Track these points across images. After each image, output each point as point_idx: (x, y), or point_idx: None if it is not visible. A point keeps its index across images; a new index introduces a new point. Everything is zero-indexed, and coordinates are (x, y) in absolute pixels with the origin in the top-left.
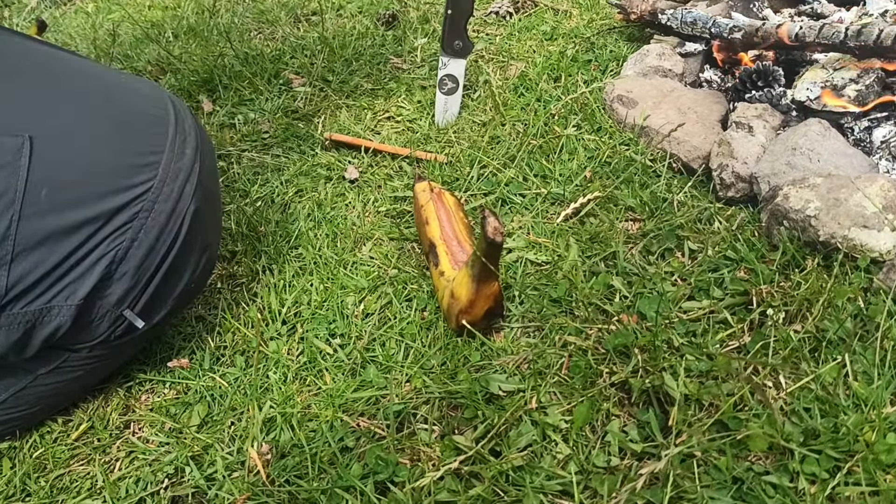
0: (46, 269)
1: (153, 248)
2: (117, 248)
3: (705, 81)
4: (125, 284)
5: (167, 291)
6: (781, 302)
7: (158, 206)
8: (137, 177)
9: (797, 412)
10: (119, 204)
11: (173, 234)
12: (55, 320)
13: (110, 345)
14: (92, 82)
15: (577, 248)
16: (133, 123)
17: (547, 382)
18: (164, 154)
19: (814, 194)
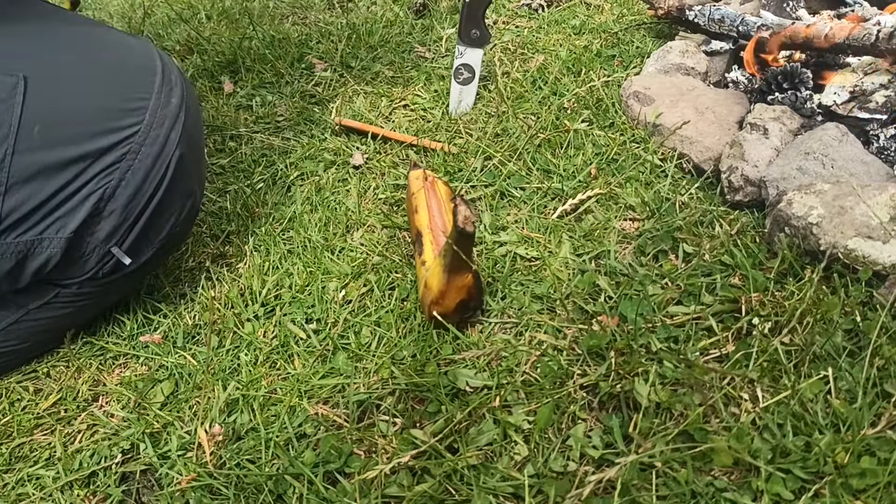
0: (38, 201)
1: (140, 188)
2: (105, 186)
3: (731, 82)
4: (113, 222)
5: (153, 232)
6: (773, 312)
7: (145, 149)
8: (125, 120)
9: (769, 428)
10: (107, 144)
11: (159, 176)
12: (46, 252)
13: (99, 282)
14: (86, 33)
15: (570, 245)
16: (122, 71)
17: (515, 381)
18: (151, 101)
19: (818, 201)
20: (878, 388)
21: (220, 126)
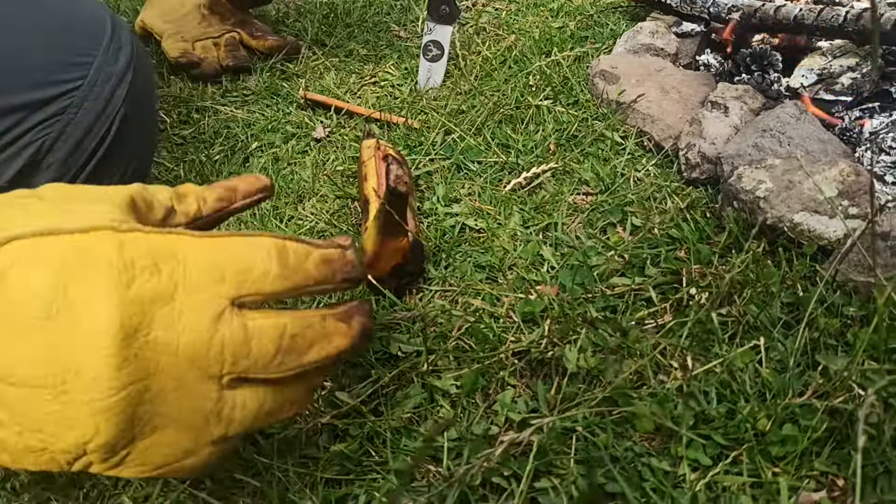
0: None
1: (80, 143)
2: (44, 138)
3: (703, 65)
4: (51, 175)
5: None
6: (714, 284)
7: (88, 104)
8: (68, 74)
9: (695, 395)
10: (48, 96)
11: (101, 134)
12: None
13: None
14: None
15: (519, 217)
16: (68, 26)
17: (447, 347)
18: (98, 57)
19: (768, 175)
20: (810, 359)
21: (186, 98)
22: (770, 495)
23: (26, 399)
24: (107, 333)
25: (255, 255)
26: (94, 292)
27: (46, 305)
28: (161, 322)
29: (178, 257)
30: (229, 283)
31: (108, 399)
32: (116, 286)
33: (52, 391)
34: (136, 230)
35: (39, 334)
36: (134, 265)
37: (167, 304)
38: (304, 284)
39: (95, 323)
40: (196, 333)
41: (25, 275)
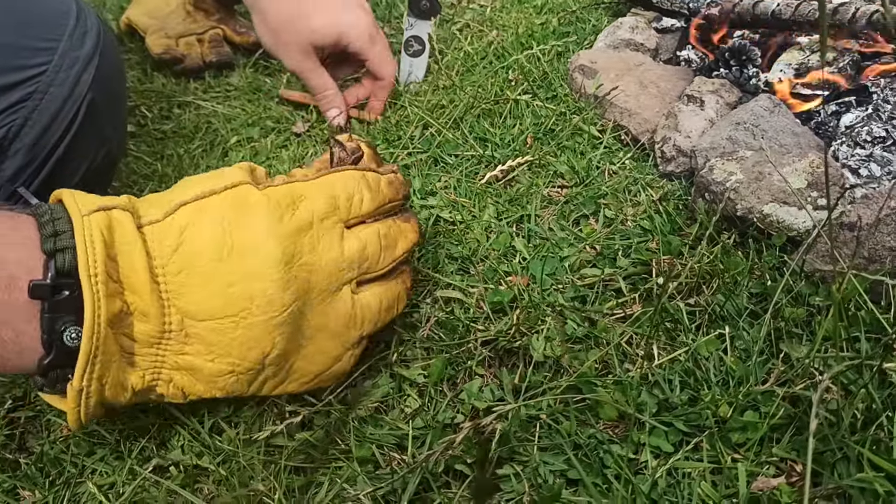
0: None
1: (47, 128)
2: (10, 124)
3: (683, 60)
4: (18, 161)
5: (63, 176)
6: (685, 275)
7: (54, 89)
8: (33, 59)
9: (658, 383)
10: (12, 82)
11: (68, 118)
12: None
13: None
14: None
15: (494, 210)
16: (32, 11)
17: (414, 337)
18: (63, 42)
19: (738, 167)
20: (774, 347)
21: (168, 93)
22: (729, 481)
23: (215, 330)
24: (272, 262)
25: (350, 185)
26: (254, 232)
27: (218, 249)
28: (307, 247)
29: (307, 196)
30: (343, 209)
31: (280, 315)
32: (271, 224)
33: (234, 319)
34: (269, 184)
35: (218, 274)
36: (280, 205)
37: (307, 232)
38: (383, 203)
39: (261, 256)
40: (332, 251)
41: (198, 229)
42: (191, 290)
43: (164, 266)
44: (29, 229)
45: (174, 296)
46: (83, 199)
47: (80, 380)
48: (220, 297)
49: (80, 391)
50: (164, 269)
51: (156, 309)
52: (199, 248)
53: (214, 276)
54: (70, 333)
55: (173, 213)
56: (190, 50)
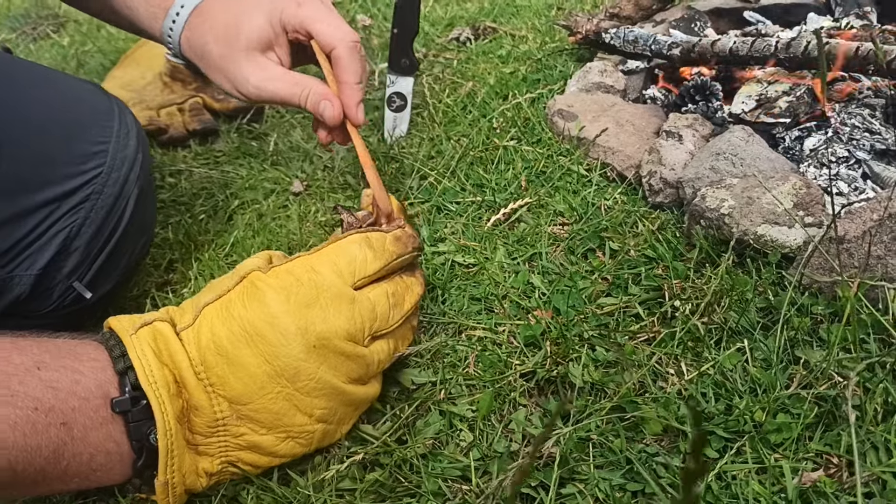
0: (12, 242)
1: (102, 226)
2: (72, 225)
3: (649, 98)
4: (77, 258)
5: (111, 266)
6: (694, 296)
7: (107, 189)
8: (89, 163)
9: (694, 396)
10: (74, 186)
11: (118, 214)
12: (17, 288)
13: (58, 314)
14: (45, 79)
15: (504, 251)
16: (84, 116)
17: (457, 375)
18: (111, 144)
19: (729, 194)
20: (790, 355)
21: (159, 164)
22: (774, 478)
23: (260, 409)
24: (290, 338)
25: (352, 248)
26: (267, 315)
27: (241, 338)
28: (318, 318)
29: (312, 268)
30: (346, 275)
31: (311, 382)
32: (279, 304)
33: (272, 395)
34: (274, 266)
35: (247, 360)
36: (285, 285)
37: (315, 304)
38: (390, 260)
39: (279, 334)
40: (343, 318)
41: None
42: (228, 379)
43: (202, 363)
44: (100, 354)
45: (217, 387)
46: (127, 321)
47: (164, 473)
48: (255, 380)
49: (165, 483)
50: (202, 366)
51: (205, 402)
52: (225, 341)
53: (244, 363)
54: (153, 435)
55: (200, 316)
56: (172, 120)
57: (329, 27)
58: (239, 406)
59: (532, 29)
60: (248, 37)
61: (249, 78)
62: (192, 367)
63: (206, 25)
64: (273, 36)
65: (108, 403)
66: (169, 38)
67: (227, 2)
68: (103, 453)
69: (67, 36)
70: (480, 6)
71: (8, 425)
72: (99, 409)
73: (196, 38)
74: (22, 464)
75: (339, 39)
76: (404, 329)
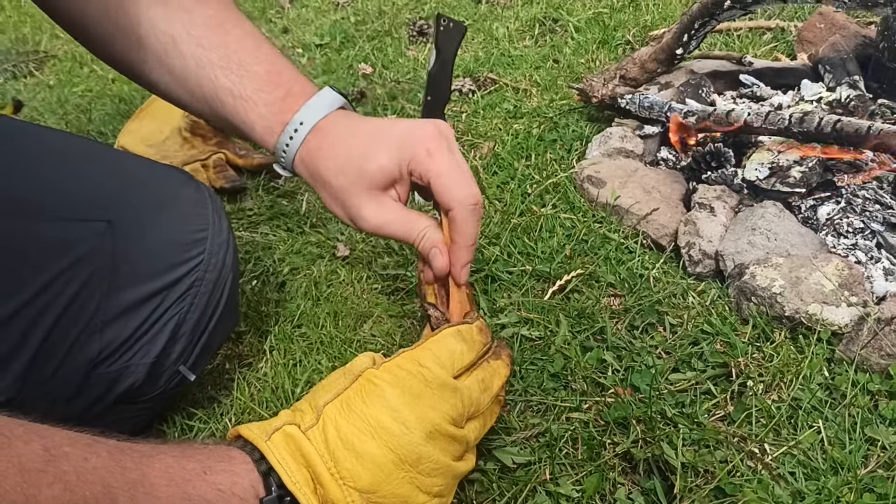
0: (128, 333)
1: (204, 311)
2: (180, 312)
3: (662, 160)
4: (183, 343)
5: (209, 348)
6: (757, 373)
7: (209, 275)
8: (192, 251)
9: (783, 476)
10: (181, 274)
11: (217, 298)
12: (131, 377)
13: (163, 396)
14: (139, 167)
15: (567, 324)
16: (183, 204)
17: (557, 455)
18: (210, 231)
19: (777, 273)
20: (863, 435)
21: None
22: None
23: (388, 495)
24: (410, 426)
25: (450, 342)
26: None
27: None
28: (430, 407)
29: (417, 363)
30: (448, 367)
31: (429, 464)
32: (396, 395)
33: (398, 481)
34: (385, 361)
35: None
36: (399, 378)
37: (427, 394)
38: (480, 350)
39: (399, 423)
40: (448, 405)
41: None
42: (357, 471)
43: (331, 459)
44: (245, 458)
45: (347, 481)
46: (257, 428)
47: None
48: (382, 469)
49: None
50: (332, 462)
51: (339, 494)
52: (351, 436)
53: (371, 454)
54: None
55: (322, 415)
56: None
57: (453, 186)
58: (368, 494)
59: (533, 83)
60: (373, 177)
61: (369, 217)
62: (325, 464)
63: (325, 153)
64: (398, 177)
65: (259, 502)
66: (283, 154)
67: (350, 130)
68: None
69: (53, 75)
70: (475, 55)
71: None
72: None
73: (313, 162)
74: None
75: (457, 201)
76: (492, 406)
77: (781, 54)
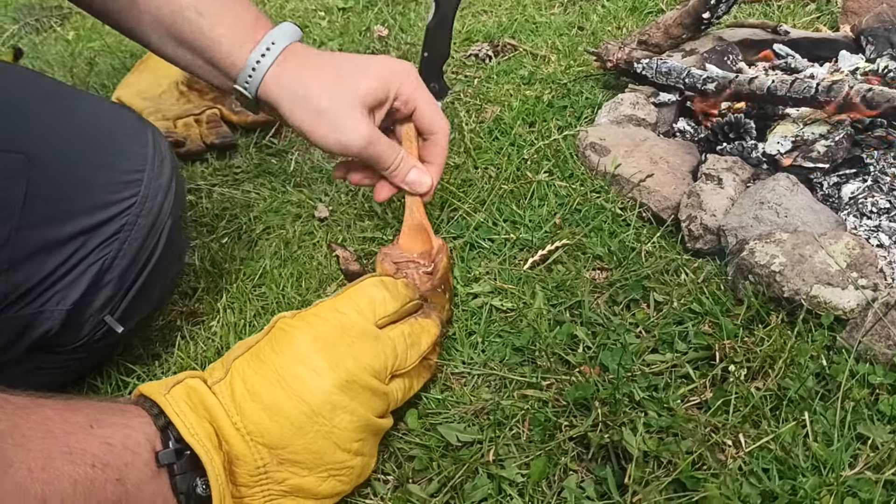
0: (41, 276)
1: (135, 258)
2: (104, 257)
3: (678, 132)
4: (109, 292)
5: (142, 299)
6: (744, 358)
7: (141, 220)
8: (123, 193)
9: (755, 473)
10: (107, 217)
11: (152, 246)
12: (46, 323)
13: (88, 348)
14: (80, 104)
15: (543, 296)
16: (118, 143)
17: (505, 435)
18: (146, 172)
19: (779, 250)
20: (853, 431)
21: None
22: None
23: (299, 450)
24: (322, 374)
25: (370, 289)
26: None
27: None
28: (346, 355)
29: (334, 309)
30: (368, 314)
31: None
32: (307, 342)
33: (311, 435)
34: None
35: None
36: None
37: (343, 342)
38: (404, 302)
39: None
40: (369, 355)
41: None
42: (266, 425)
43: (238, 412)
44: (142, 412)
45: (255, 435)
46: (157, 384)
47: None
48: (292, 422)
49: None
50: (238, 416)
51: (245, 450)
52: (258, 386)
53: (280, 406)
54: (201, 485)
55: (231, 368)
56: (189, 131)
57: (435, 114)
58: (279, 450)
59: (553, 49)
60: (365, 96)
61: (362, 131)
62: (230, 418)
63: (310, 73)
64: (384, 100)
65: (155, 457)
66: (251, 74)
67: (331, 56)
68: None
69: (72, 30)
70: (498, 21)
71: (69, 483)
72: (149, 462)
73: (292, 83)
74: None
75: (440, 127)
76: (420, 369)
77: (823, 25)
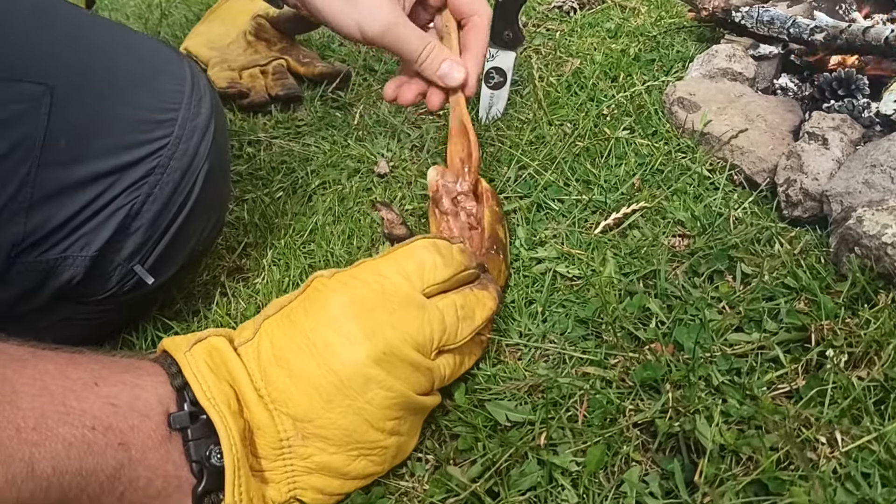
0: (63, 218)
1: (167, 204)
2: (133, 201)
3: (780, 88)
4: (138, 239)
5: (176, 250)
6: (845, 342)
7: (174, 162)
8: (154, 132)
9: (852, 477)
10: (136, 158)
11: (186, 191)
12: (69, 270)
13: (117, 300)
14: (114, 38)
15: (615, 264)
16: (152, 79)
17: (560, 416)
18: (181, 111)
19: (892, 219)
20: None
21: (238, 131)
22: None
23: (327, 425)
24: (356, 344)
25: (421, 253)
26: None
27: (302, 347)
28: (385, 323)
29: (376, 272)
30: (415, 280)
31: (383, 390)
32: (342, 305)
33: (341, 410)
34: (337, 272)
35: (310, 372)
36: (351, 290)
37: (383, 308)
38: (458, 270)
39: (345, 338)
40: (412, 325)
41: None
42: (292, 394)
43: (262, 378)
44: (158, 370)
45: (280, 404)
46: (181, 339)
47: (232, 494)
48: (320, 393)
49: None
50: (262, 382)
51: (268, 420)
52: (286, 350)
53: (308, 374)
54: (216, 454)
55: (260, 329)
56: (254, 82)
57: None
58: (305, 423)
59: (644, 0)
60: None
61: (382, 15)
62: (253, 384)
63: None
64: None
65: (167, 420)
66: None
67: None
68: (161, 478)
69: None
70: None
71: (63, 446)
72: (159, 426)
73: None
74: (75, 490)
75: (479, 8)
76: (472, 345)
77: None
